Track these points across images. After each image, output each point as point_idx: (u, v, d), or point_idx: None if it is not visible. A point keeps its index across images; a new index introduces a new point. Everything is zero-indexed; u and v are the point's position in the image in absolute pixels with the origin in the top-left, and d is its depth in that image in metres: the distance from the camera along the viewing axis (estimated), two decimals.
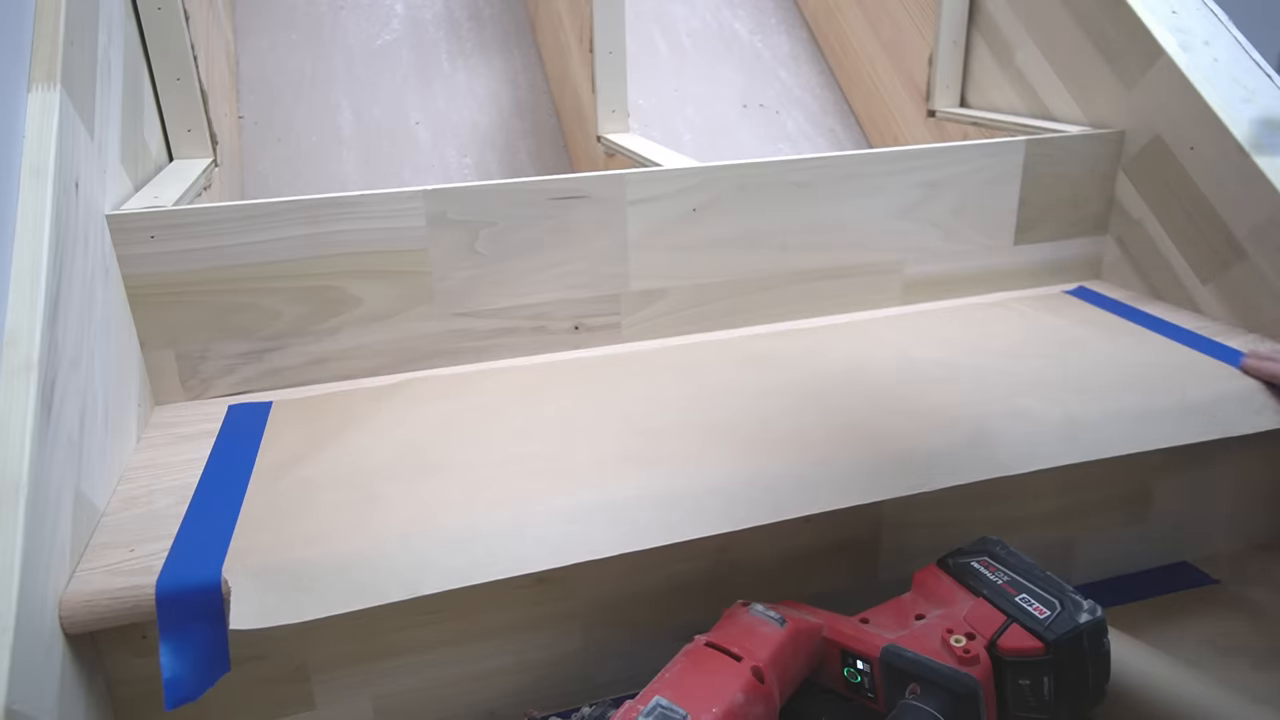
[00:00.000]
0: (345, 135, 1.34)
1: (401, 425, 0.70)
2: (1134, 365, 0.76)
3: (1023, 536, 0.71)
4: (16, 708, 0.43)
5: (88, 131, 0.68)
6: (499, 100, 1.45)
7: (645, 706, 0.47)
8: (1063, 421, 0.67)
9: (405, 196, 0.74)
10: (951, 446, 0.64)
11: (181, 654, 0.52)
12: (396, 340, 0.79)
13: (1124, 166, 0.95)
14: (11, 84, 0.61)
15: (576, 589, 0.62)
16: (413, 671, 0.61)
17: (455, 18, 1.55)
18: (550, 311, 0.82)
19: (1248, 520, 0.79)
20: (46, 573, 0.50)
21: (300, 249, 0.73)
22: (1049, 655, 0.51)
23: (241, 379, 0.76)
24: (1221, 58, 0.88)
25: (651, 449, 0.65)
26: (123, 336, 0.69)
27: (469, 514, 0.58)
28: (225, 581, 0.52)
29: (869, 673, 0.54)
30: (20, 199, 0.58)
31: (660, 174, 0.81)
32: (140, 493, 0.62)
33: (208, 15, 1.15)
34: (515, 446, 0.66)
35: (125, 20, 0.86)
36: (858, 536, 0.68)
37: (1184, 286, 0.90)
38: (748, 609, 0.56)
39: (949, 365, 0.77)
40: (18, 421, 0.50)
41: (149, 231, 0.70)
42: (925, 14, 1.21)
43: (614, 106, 1.18)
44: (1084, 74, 0.99)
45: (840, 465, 0.63)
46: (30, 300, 0.54)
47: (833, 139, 1.43)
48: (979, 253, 0.93)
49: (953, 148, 0.89)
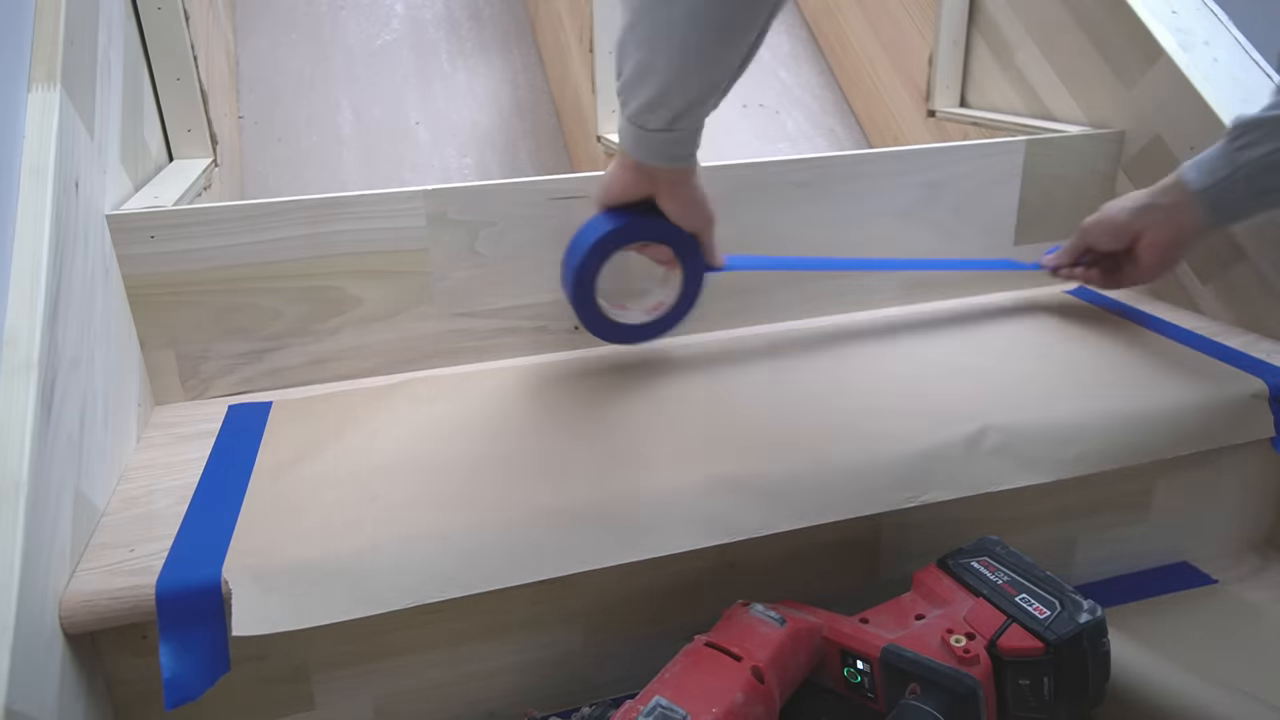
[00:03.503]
0: (345, 135, 1.34)
1: (401, 425, 0.70)
2: (1134, 365, 0.76)
3: (1023, 536, 0.72)
4: (16, 708, 0.43)
5: (88, 131, 0.68)
6: (499, 100, 1.45)
7: (645, 706, 0.47)
8: (1062, 424, 0.67)
9: (405, 196, 0.74)
10: (951, 451, 0.64)
11: (181, 654, 0.52)
12: (396, 340, 0.79)
13: (1124, 166, 0.95)
14: (11, 84, 0.61)
15: (576, 589, 0.62)
16: (413, 671, 0.61)
17: (455, 18, 1.55)
18: (550, 311, 0.82)
19: (1248, 520, 0.79)
20: (46, 573, 0.50)
21: (300, 249, 0.73)
22: (1049, 655, 0.51)
23: (241, 379, 0.76)
24: (1221, 58, 0.88)
25: (652, 450, 0.65)
26: (123, 336, 0.69)
27: (469, 516, 0.58)
28: (225, 581, 0.52)
29: (869, 673, 0.54)
30: (20, 199, 0.58)
31: None
32: (140, 493, 0.62)
33: (208, 15, 1.15)
34: (515, 447, 0.66)
35: (125, 20, 0.86)
36: (858, 536, 0.68)
37: (1184, 286, 0.90)
38: (748, 609, 0.56)
39: (949, 366, 0.77)
40: (18, 421, 0.50)
41: (149, 231, 0.70)
42: (925, 14, 1.21)
43: (614, 106, 1.18)
44: (1084, 74, 0.99)
45: (840, 468, 0.63)
46: (30, 300, 0.54)
47: (833, 139, 1.43)
48: (979, 253, 0.93)
49: (953, 148, 0.89)
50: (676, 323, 0.77)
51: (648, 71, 0.59)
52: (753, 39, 0.57)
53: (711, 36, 0.56)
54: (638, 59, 0.59)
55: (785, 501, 0.61)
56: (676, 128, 0.62)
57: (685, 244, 0.73)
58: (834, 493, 0.62)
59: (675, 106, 0.60)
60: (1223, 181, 0.71)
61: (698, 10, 0.55)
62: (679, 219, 0.71)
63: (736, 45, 0.57)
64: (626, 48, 0.59)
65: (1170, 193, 0.75)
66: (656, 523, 0.58)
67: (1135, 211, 0.78)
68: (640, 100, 0.61)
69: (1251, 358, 0.76)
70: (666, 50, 0.57)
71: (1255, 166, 0.70)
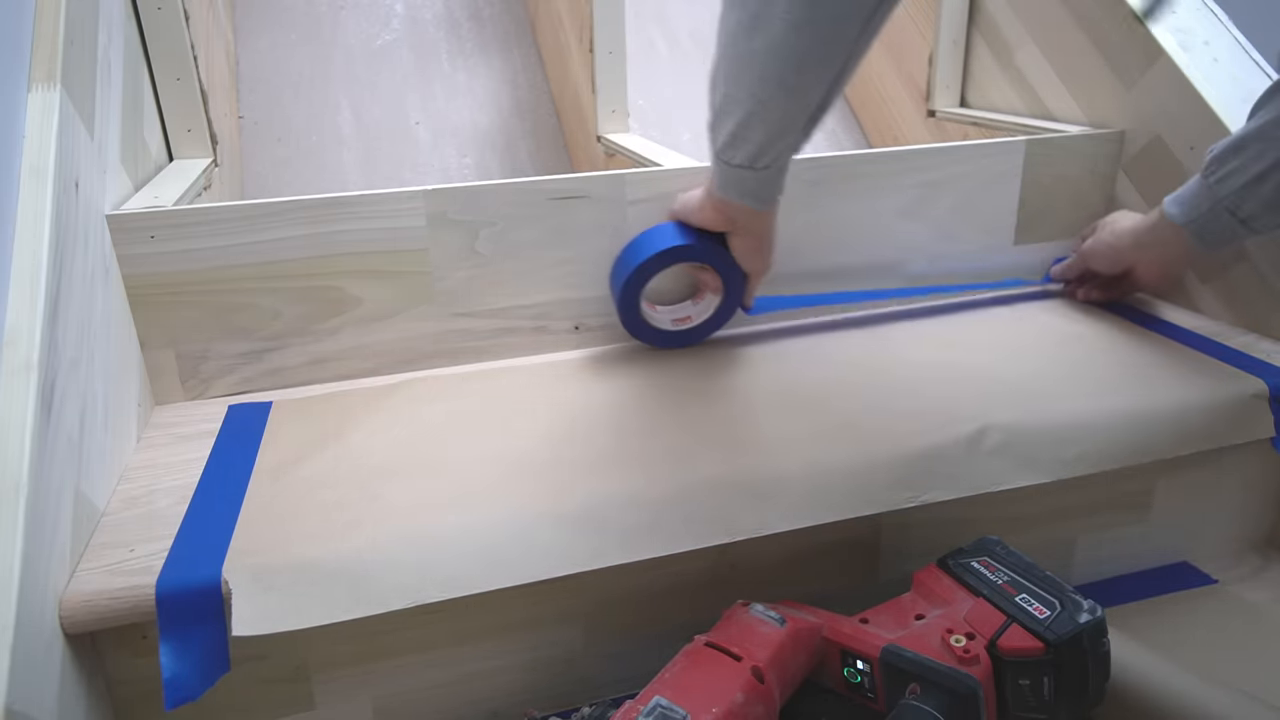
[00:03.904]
0: (345, 135, 1.34)
1: (401, 425, 0.70)
2: (1134, 365, 0.76)
3: (1023, 536, 0.71)
4: (16, 708, 0.43)
5: (88, 131, 0.68)
6: (499, 100, 1.45)
7: (645, 706, 0.47)
8: (1062, 424, 0.67)
9: (405, 196, 0.74)
10: (951, 451, 0.64)
11: (181, 654, 0.52)
12: (396, 340, 0.79)
13: (1124, 166, 0.95)
14: (11, 84, 0.61)
15: (576, 589, 0.62)
16: (413, 672, 0.61)
17: (455, 18, 1.55)
18: (550, 311, 0.82)
19: (1248, 520, 0.79)
20: (46, 573, 0.50)
21: (300, 249, 0.73)
22: (1049, 655, 0.51)
23: (241, 379, 0.76)
24: (1221, 58, 0.88)
25: (652, 450, 0.65)
26: (123, 336, 0.69)
27: (470, 516, 0.58)
28: (225, 581, 0.52)
29: (869, 673, 0.54)
30: (20, 199, 0.58)
31: (660, 174, 0.81)
32: (140, 493, 0.62)
33: (208, 15, 1.15)
34: (515, 447, 0.66)
35: (125, 20, 0.86)
36: (858, 536, 0.68)
37: (1184, 286, 0.90)
38: (748, 609, 0.56)
39: (949, 366, 0.77)
40: (18, 421, 0.50)
41: (149, 231, 0.70)
42: (925, 14, 1.21)
43: (614, 106, 1.18)
44: (1084, 74, 0.99)
45: (839, 470, 0.63)
46: (30, 300, 0.54)
47: (833, 139, 1.43)
48: (979, 253, 0.93)
49: (953, 148, 0.89)
50: (696, 341, 0.82)
51: (732, 103, 0.61)
52: (833, 75, 0.59)
53: (791, 68, 0.57)
54: (724, 91, 0.61)
55: (785, 501, 0.61)
56: (758, 165, 0.65)
57: (735, 280, 0.78)
58: (834, 493, 0.62)
59: (756, 140, 0.62)
60: (1205, 215, 0.73)
61: (778, 42, 0.56)
62: (742, 258, 0.75)
63: (817, 78, 0.58)
64: (715, 80, 0.62)
65: (1157, 229, 0.78)
66: (656, 523, 0.58)
67: (1130, 242, 0.81)
68: (725, 133, 0.63)
69: (1252, 358, 0.76)
70: (748, 82, 0.59)
71: (1235, 197, 0.70)
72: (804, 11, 0.54)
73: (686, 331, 0.81)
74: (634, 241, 0.78)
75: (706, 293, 0.82)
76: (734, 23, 0.58)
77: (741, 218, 0.71)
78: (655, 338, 0.81)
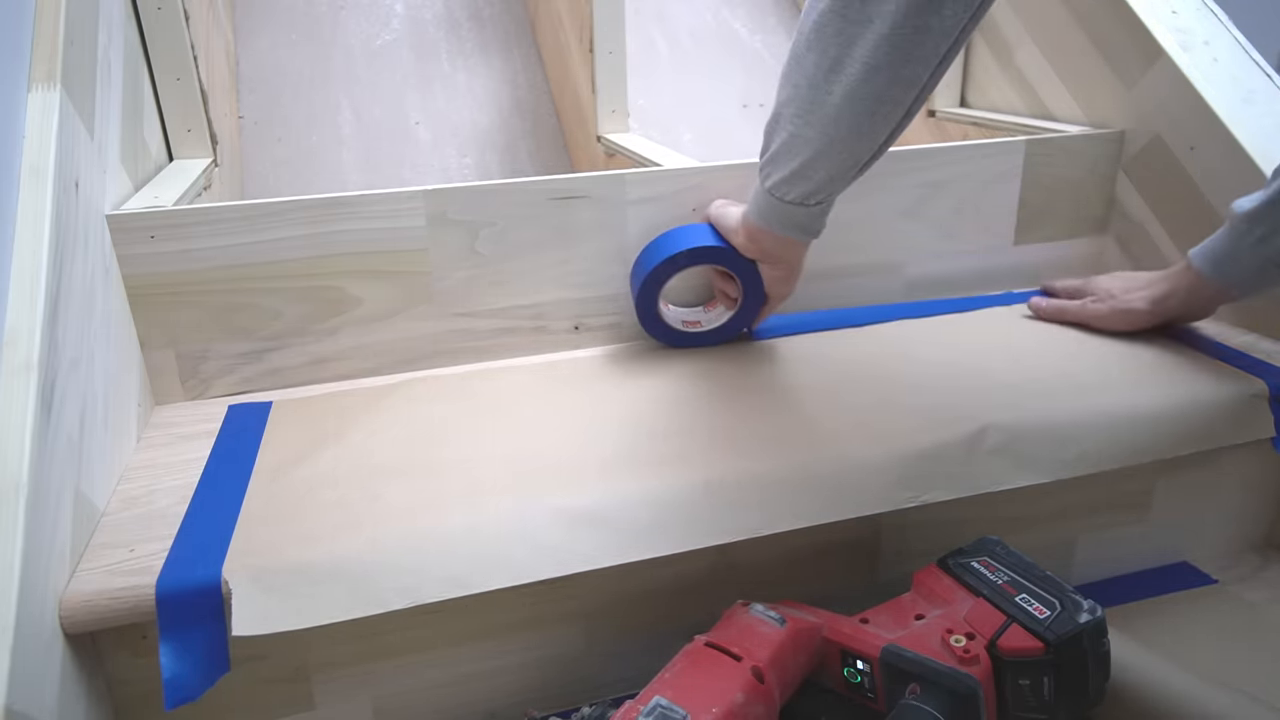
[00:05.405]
0: (345, 135, 1.34)
1: (401, 425, 0.70)
2: (1134, 365, 0.76)
3: (1023, 536, 0.71)
4: (16, 708, 0.43)
5: (88, 131, 0.68)
6: (499, 100, 1.45)
7: (645, 706, 0.47)
8: (1062, 424, 0.67)
9: (405, 196, 0.74)
10: (951, 451, 0.64)
11: (181, 654, 0.52)
12: (396, 340, 0.79)
13: (1124, 166, 0.95)
14: (11, 84, 0.61)
15: (576, 589, 0.62)
16: (412, 671, 0.61)
17: (455, 18, 1.55)
18: (550, 311, 0.82)
19: (1248, 520, 0.79)
20: (46, 573, 0.50)
21: (300, 249, 0.73)
22: (1049, 655, 0.51)
23: (241, 379, 0.76)
24: (1221, 58, 0.88)
25: (652, 450, 0.65)
26: (123, 336, 0.69)
27: (470, 516, 0.58)
28: (225, 581, 0.52)
29: (869, 673, 0.54)
30: (20, 199, 0.58)
31: (660, 174, 0.81)
32: (140, 493, 0.62)
33: (208, 15, 1.15)
34: (516, 447, 0.66)
35: (125, 20, 0.86)
36: (858, 536, 0.68)
37: None
38: (748, 609, 0.56)
39: (948, 365, 0.77)
40: (18, 421, 0.50)
41: (149, 231, 0.70)
42: None
43: (614, 106, 1.18)
44: (1084, 74, 0.99)
45: (839, 470, 0.63)
46: (30, 300, 0.54)
47: None
48: (979, 253, 0.93)
49: (953, 148, 0.89)
50: (697, 345, 0.82)
51: (800, 142, 0.62)
52: (901, 117, 0.60)
53: (866, 111, 0.59)
54: (790, 131, 0.63)
55: (785, 502, 0.61)
56: (810, 202, 0.67)
57: (754, 298, 0.79)
58: (834, 493, 0.62)
59: (818, 179, 0.64)
60: (1253, 275, 0.72)
61: (856, 85, 0.58)
62: (770, 284, 0.77)
63: (887, 121, 0.60)
64: (780, 122, 0.64)
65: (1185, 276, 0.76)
66: (656, 523, 0.58)
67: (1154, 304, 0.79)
68: (784, 172, 0.65)
69: (1252, 358, 0.76)
70: (820, 122, 0.61)
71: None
72: (884, 57, 0.56)
73: (691, 334, 0.82)
74: (671, 232, 0.79)
75: (719, 305, 0.82)
76: (812, 65, 0.59)
77: (777, 249, 0.73)
78: (660, 332, 0.81)
